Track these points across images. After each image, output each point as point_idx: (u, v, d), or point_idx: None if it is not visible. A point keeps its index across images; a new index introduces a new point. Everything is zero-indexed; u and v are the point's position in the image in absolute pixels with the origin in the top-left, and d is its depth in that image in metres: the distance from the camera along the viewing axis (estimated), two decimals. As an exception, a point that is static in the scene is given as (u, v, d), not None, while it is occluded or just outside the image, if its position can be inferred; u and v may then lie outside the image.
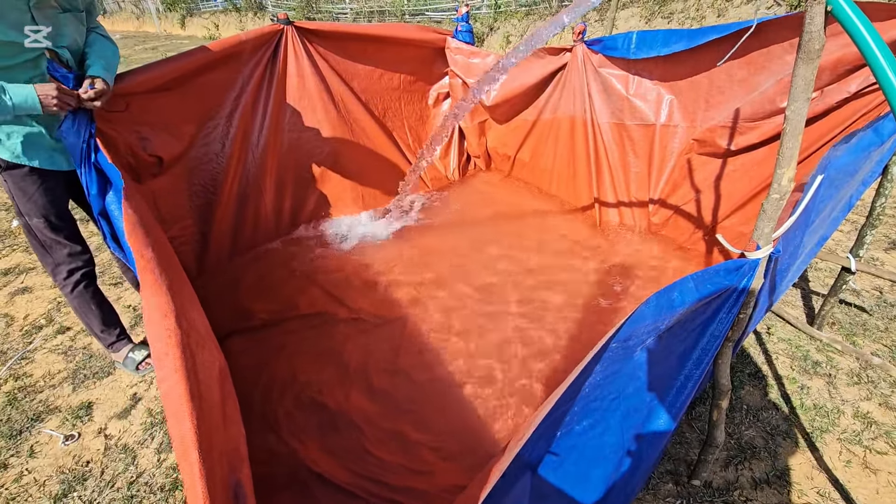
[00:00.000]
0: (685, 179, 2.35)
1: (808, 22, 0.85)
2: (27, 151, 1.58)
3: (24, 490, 1.63)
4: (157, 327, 0.93)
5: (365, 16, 10.88)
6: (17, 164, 1.59)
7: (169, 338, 0.91)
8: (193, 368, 0.91)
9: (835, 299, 2.00)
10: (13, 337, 2.35)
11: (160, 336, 0.92)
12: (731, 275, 1.01)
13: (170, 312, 0.97)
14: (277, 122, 2.57)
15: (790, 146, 0.95)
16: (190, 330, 1.01)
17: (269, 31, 2.37)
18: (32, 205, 1.66)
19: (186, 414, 0.79)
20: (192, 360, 0.92)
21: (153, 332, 0.93)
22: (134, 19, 17.74)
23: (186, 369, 0.87)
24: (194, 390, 0.85)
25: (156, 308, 0.98)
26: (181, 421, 0.78)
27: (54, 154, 1.64)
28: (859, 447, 1.61)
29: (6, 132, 1.54)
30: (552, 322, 2.05)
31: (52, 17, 1.50)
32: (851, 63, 1.63)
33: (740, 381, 1.86)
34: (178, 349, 0.89)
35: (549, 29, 1.57)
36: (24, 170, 1.61)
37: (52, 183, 1.68)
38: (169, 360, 0.87)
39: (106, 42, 1.72)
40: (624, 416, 1.07)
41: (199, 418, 0.80)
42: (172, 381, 0.84)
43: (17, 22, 1.42)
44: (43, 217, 1.69)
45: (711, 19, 6.57)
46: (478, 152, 3.40)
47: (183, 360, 0.88)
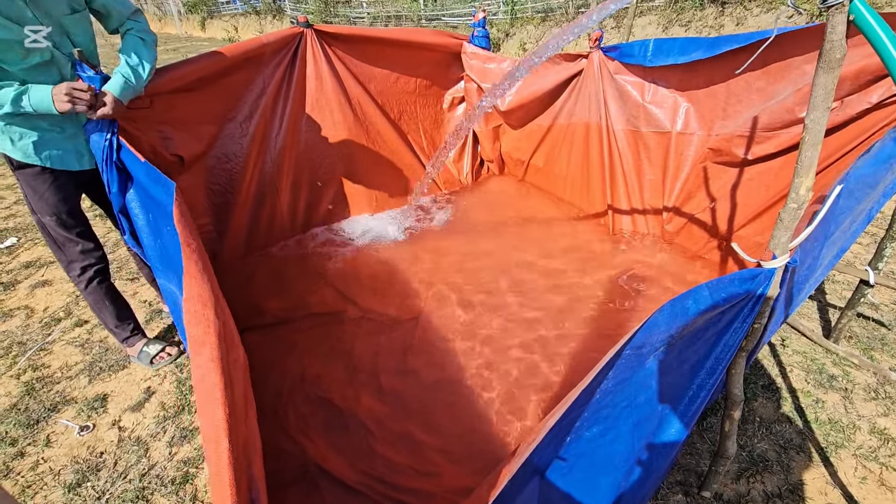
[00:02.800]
0: (700, 188, 2.33)
1: (829, 31, 0.85)
2: (38, 152, 1.61)
3: (39, 478, 1.66)
4: (198, 315, 0.95)
5: (382, 20, 10.98)
6: (28, 164, 1.62)
7: (208, 326, 0.93)
8: (227, 359, 0.93)
9: (852, 312, 1.97)
10: (33, 328, 2.41)
11: (199, 323, 0.94)
12: (746, 284, 1.00)
13: (210, 302, 0.99)
14: (295, 124, 2.61)
15: (809, 156, 0.94)
16: (226, 322, 1.03)
17: (290, 33, 2.41)
18: (44, 203, 1.70)
19: (220, 402, 0.80)
20: (226, 351, 0.94)
21: (192, 319, 0.95)
22: (156, 21, 18.13)
23: (221, 359, 0.89)
24: (227, 380, 0.86)
25: (197, 297, 1.00)
26: (214, 408, 0.80)
27: (64, 154, 1.67)
28: (875, 464, 1.58)
29: (18, 133, 1.56)
30: (564, 328, 2.05)
31: (57, 18, 1.50)
32: (873, 73, 1.61)
33: (753, 393, 1.83)
34: (216, 338, 0.91)
35: (571, 32, 1.58)
36: (36, 169, 1.64)
37: (63, 182, 1.71)
38: (206, 348, 0.89)
39: (138, 44, 1.68)
40: (635, 425, 1.06)
41: (231, 407, 0.81)
42: (208, 369, 0.85)
43: (17, 18, 1.39)
44: (54, 215, 1.72)
45: (730, 28, 6.51)
46: (491, 157, 3.41)
47: (220, 350, 0.90)
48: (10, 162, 1.63)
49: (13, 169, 1.64)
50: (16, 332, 2.39)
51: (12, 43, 1.41)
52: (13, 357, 2.22)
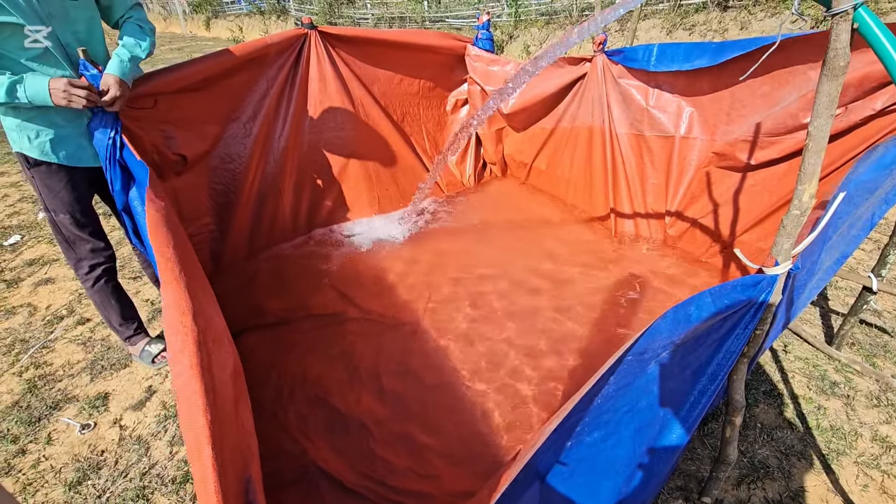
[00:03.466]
0: (703, 192, 2.32)
1: (833, 38, 0.85)
2: (55, 149, 1.62)
3: (40, 476, 1.67)
4: (175, 324, 0.95)
5: (386, 21, 11.00)
6: (44, 161, 1.63)
7: (186, 335, 0.93)
8: (209, 365, 0.93)
9: (855, 319, 1.96)
10: (35, 326, 2.42)
11: (177, 332, 0.93)
12: (748, 290, 1.00)
13: (187, 310, 0.99)
14: (298, 125, 2.62)
15: (812, 162, 0.94)
16: (206, 328, 1.03)
17: (294, 34, 2.42)
18: (59, 201, 1.70)
19: (200, 409, 0.80)
20: (207, 357, 0.93)
21: (170, 328, 0.95)
22: (161, 20, 18.18)
23: (202, 366, 0.88)
24: (209, 386, 0.86)
25: (174, 305, 1.00)
26: (195, 416, 0.79)
27: (79, 151, 1.68)
28: (877, 471, 1.57)
29: (35, 131, 1.58)
30: (565, 331, 2.04)
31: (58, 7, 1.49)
32: (877, 80, 1.61)
33: (755, 399, 1.83)
34: (195, 346, 0.91)
35: (576, 35, 1.58)
36: (52, 167, 1.65)
37: (78, 179, 1.72)
38: (185, 356, 0.89)
39: (136, 29, 1.70)
40: (637, 431, 1.06)
41: (213, 414, 0.81)
42: (187, 377, 0.85)
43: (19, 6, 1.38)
44: (68, 213, 1.73)
45: (734, 32, 6.50)
46: (494, 159, 3.41)
47: (198, 357, 0.89)
48: (26, 160, 1.63)
49: (28, 167, 1.64)
50: (18, 329, 2.40)
51: (15, 28, 1.40)
52: (15, 354, 2.23)
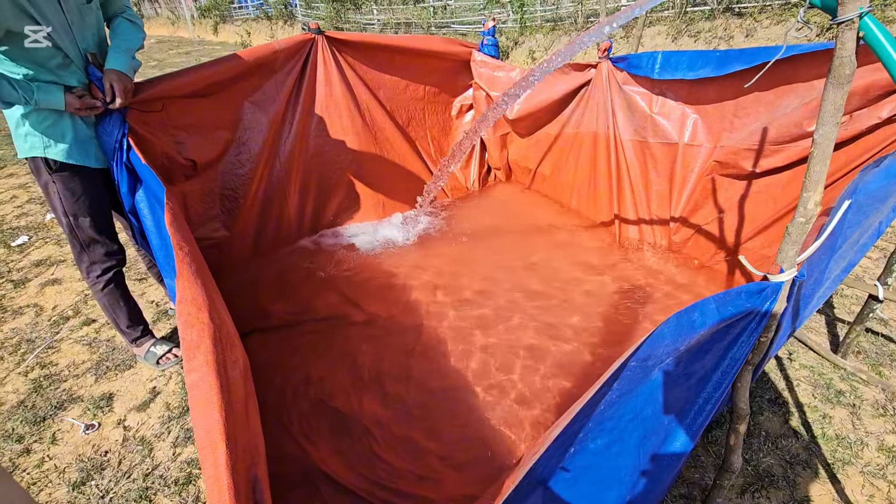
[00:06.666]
0: (708, 199, 2.32)
1: (839, 47, 0.85)
2: (80, 150, 1.65)
3: (44, 475, 1.67)
4: (191, 319, 0.95)
5: (392, 27, 11.07)
6: (66, 166, 1.64)
7: (202, 330, 0.92)
8: (223, 362, 0.92)
9: (861, 327, 1.95)
10: (41, 326, 2.43)
11: (193, 326, 0.93)
12: (753, 297, 0.99)
13: (204, 306, 0.99)
14: (305, 129, 2.64)
15: (818, 170, 0.94)
16: (221, 325, 1.03)
17: (302, 40, 2.44)
18: (80, 205, 1.71)
19: (216, 405, 0.79)
20: (222, 354, 0.93)
21: (186, 323, 0.95)
22: (169, 25, 18.38)
23: (217, 362, 0.88)
24: (224, 383, 0.86)
25: (191, 301, 1.00)
26: (209, 412, 0.78)
27: (99, 152, 1.72)
28: (883, 482, 1.56)
29: (60, 133, 1.60)
30: (568, 337, 2.04)
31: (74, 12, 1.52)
32: (884, 88, 1.61)
33: (760, 407, 1.82)
34: (211, 342, 0.91)
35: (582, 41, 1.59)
36: (74, 170, 1.67)
37: (98, 181, 1.75)
38: (200, 351, 0.88)
39: (127, 25, 1.74)
40: (642, 439, 1.05)
41: (227, 411, 0.81)
42: (203, 373, 0.84)
43: (15, 14, 1.38)
44: (90, 216, 1.74)
45: (739, 39, 6.50)
46: (499, 164, 3.42)
47: (214, 353, 0.89)
48: (48, 165, 1.63)
49: (50, 172, 1.64)
50: (25, 329, 2.42)
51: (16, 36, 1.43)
52: (22, 354, 2.25)
